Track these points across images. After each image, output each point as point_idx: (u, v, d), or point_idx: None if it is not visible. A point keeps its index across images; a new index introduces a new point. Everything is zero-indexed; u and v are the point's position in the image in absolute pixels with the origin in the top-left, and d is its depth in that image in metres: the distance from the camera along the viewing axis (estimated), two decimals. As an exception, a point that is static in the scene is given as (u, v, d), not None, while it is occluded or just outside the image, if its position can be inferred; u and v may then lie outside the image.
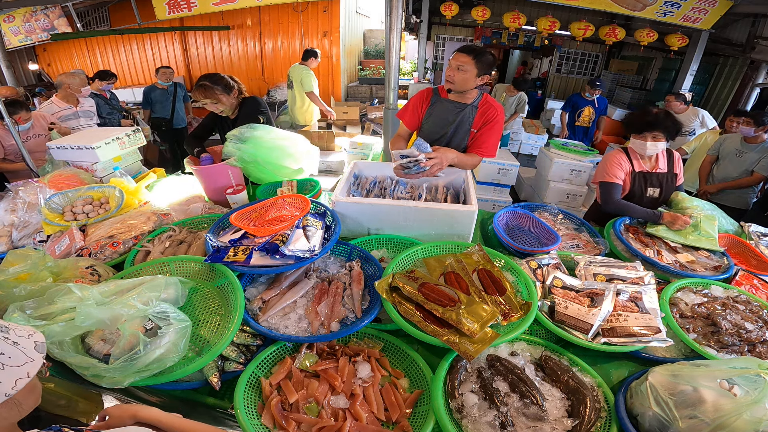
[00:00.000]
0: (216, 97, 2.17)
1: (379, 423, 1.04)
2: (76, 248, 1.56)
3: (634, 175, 2.12)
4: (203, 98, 2.14)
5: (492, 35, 8.42)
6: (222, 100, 2.19)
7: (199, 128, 2.42)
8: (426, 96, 2.14)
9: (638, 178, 2.12)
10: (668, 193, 2.15)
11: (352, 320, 1.27)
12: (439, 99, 2.09)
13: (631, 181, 2.13)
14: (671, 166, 2.14)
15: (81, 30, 6.21)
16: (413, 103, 2.17)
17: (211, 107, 2.20)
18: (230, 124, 2.35)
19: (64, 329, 0.96)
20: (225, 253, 1.34)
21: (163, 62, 7.60)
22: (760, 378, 0.90)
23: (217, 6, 5.40)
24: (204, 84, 2.14)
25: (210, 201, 2.07)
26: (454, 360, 1.14)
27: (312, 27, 6.94)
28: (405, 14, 7.62)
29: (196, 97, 2.16)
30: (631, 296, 1.35)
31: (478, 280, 1.38)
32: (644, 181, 2.13)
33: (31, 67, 7.06)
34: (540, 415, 1.01)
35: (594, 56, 8.66)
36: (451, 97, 2.05)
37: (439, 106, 2.10)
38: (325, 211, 1.62)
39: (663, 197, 2.14)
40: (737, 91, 5.77)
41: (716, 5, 4.83)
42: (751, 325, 1.30)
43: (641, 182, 2.13)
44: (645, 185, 2.13)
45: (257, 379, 1.11)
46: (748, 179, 3.10)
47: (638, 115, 2.08)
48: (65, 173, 2.06)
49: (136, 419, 0.86)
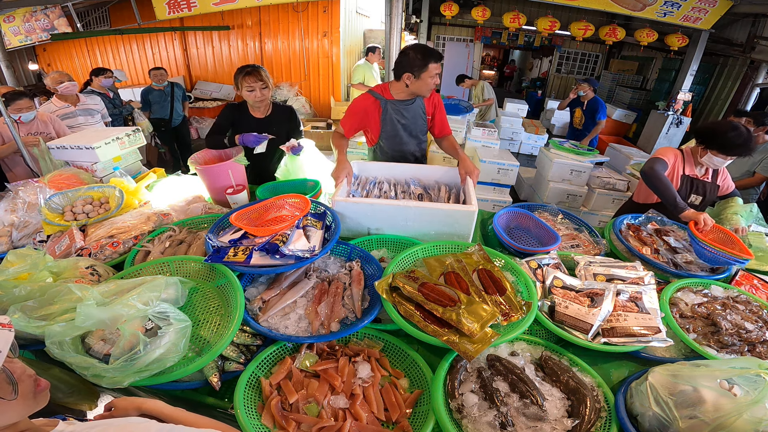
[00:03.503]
0: (266, 82, 2.23)
1: (379, 423, 1.04)
2: (76, 248, 1.56)
3: (683, 177, 2.12)
4: (255, 81, 2.19)
5: (492, 35, 8.43)
6: (270, 85, 2.27)
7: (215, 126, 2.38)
8: (373, 106, 2.16)
9: (685, 182, 2.13)
10: (709, 201, 2.15)
11: (352, 320, 1.27)
12: (388, 102, 2.14)
13: (679, 182, 2.13)
14: (715, 176, 2.14)
15: (81, 30, 6.20)
16: (359, 114, 2.19)
17: (257, 93, 2.22)
18: (255, 122, 2.37)
19: (64, 329, 0.96)
20: (225, 253, 1.34)
21: (164, 62, 7.59)
22: (760, 378, 0.90)
23: (217, 6, 5.40)
24: (256, 67, 2.21)
25: (212, 201, 2.07)
26: (454, 360, 1.14)
27: (312, 27, 6.93)
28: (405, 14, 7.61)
29: (245, 81, 2.18)
30: (631, 296, 1.35)
31: (478, 280, 1.38)
32: (690, 186, 2.13)
33: (31, 67, 7.06)
34: (540, 415, 1.01)
35: (594, 56, 8.67)
36: (396, 96, 2.12)
37: (392, 107, 2.15)
38: (325, 211, 1.63)
39: (702, 205, 2.15)
40: (737, 91, 5.77)
41: (716, 5, 4.83)
42: (751, 325, 1.30)
43: (687, 186, 2.13)
44: (690, 190, 2.14)
45: (257, 379, 1.11)
46: (750, 180, 3.10)
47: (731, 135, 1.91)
48: (65, 173, 2.06)
49: (140, 411, 0.87)
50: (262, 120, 2.37)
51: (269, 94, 2.29)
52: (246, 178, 2.14)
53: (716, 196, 2.16)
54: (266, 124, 2.37)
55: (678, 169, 2.14)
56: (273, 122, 2.39)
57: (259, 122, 2.37)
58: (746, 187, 3.14)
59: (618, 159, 5.08)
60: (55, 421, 0.72)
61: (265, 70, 2.26)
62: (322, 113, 7.37)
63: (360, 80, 5.57)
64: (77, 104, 3.45)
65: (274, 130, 2.35)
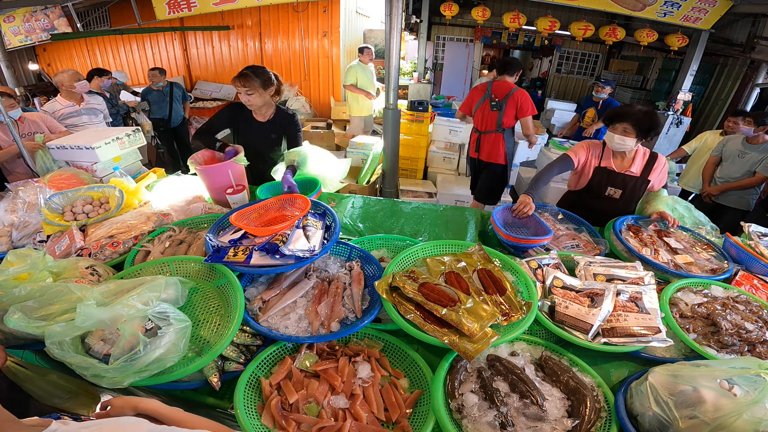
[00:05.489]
0: (254, 89, 2.14)
1: (379, 423, 1.04)
2: (76, 248, 1.56)
3: (597, 169, 2.09)
4: (241, 86, 2.13)
5: (492, 35, 8.43)
6: (259, 92, 2.16)
7: (206, 125, 2.31)
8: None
9: (599, 174, 2.10)
10: (631, 197, 2.09)
11: (352, 320, 1.27)
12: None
13: (592, 174, 2.11)
14: (647, 172, 2.05)
15: (81, 30, 6.20)
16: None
17: (244, 97, 2.17)
18: (257, 125, 2.34)
19: (64, 329, 0.96)
20: (225, 253, 1.33)
21: (164, 62, 7.59)
22: (760, 378, 0.90)
23: (217, 6, 5.40)
24: (245, 73, 2.14)
25: (212, 201, 2.07)
26: (454, 360, 1.14)
27: (312, 27, 6.93)
28: (405, 14, 7.61)
29: (235, 84, 2.14)
30: (631, 296, 1.35)
31: (478, 279, 1.38)
32: (606, 178, 2.09)
33: (31, 67, 7.05)
34: (540, 415, 1.01)
35: (594, 56, 8.66)
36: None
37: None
38: (325, 211, 1.62)
39: (624, 200, 2.10)
40: (737, 91, 5.77)
41: (716, 5, 4.83)
42: (751, 325, 1.30)
43: (602, 178, 2.09)
44: (605, 183, 2.09)
45: (257, 379, 1.11)
46: (750, 180, 3.10)
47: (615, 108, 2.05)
48: (65, 173, 2.05)
49: (136, 411, 0.86)
50: (263, 124, 2.34)
51: (258, 102, 2.19)
52: (246, 178, 2.14)
53: (642, 191, 2.08)
54: (267, 128, 2.35)
55: (592, 162, 2.12)
56: (274, 127, 2.35)
57: (261, 126, 2.34)
58: (746, 187, 3.14)
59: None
60: (48, 420, 0.72)
61: (262, 75, 2.16)
62: (322, 113, 7.37)
63: (352, 82, 5.48)
64: (82, 103, 3.45)
65: (273, 137, 2.35)
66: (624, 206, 2.11)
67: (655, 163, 2.05)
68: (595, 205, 2.14)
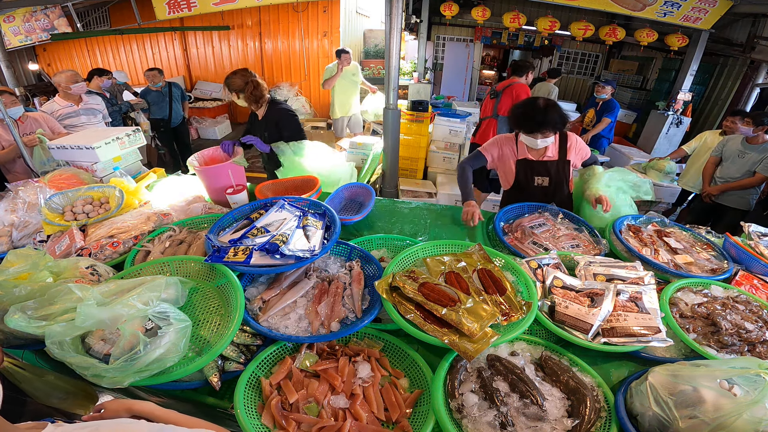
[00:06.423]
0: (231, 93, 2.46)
1: (379, 423, 1.04)
2: (76, 248, 1.56)
3: (519, 163, 2.08)
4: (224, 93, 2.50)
5: (492, 35, 8.43)
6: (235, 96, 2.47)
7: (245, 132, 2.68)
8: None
9: (522, 166, 2.08)
10: (560, 180, 2.08)
11: (352, 320, 1.27)
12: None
13: (516, 168, 2.09)
14: (564, 153, 2.04)
15: (81, 30, 6.20)
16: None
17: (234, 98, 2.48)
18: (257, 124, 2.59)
19: (65, 329, 0.96)
20: (225, 253, 1.33)
21: (164, 62, 7.60)
22: (760, 378, 0.90)
23: (217, 6, 5.39)
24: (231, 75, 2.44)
25: (211, 201, 2.07)
26: (454, 360, 1.14)
27: (312, 27, 6.94)
28: (405, 14, 7.61)
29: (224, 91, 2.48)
30: (631, 296, 1.35)
31: (478, 279, 1.38)
32: (530, 169, 2.07)
33: (31, 67, 7.05)
34: (540, 415, 1.01)
35: (594, 56, 8.66)
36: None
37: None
38: (325, 211, 1.62)
39: (554, 185, 2.08)
40: (737, 91, 5.77)
41: (716, 5, 4.82)
42: (751, 325, 1.30)
43: (527, 170, 2.08)
44: (531, 173, 2.08)
45: (257, 379, 1.11)
46: (750, 180, 3.10)
47: (525, 115, 1.96)
48: (65, 173, 2.06)
49: (131, 413, 0.86)
50: (260, 120, 2.56)
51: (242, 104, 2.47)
52: (245, 178, 2.14)
53: (567, 172, 2.08)
54: (262, 125, 2.56)
55: (511, 157, 2.10)
56: (268, 123, 2.55)
57: (259, 123, 2.57)
58: (747, 186, 3.14)
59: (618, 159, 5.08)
60: (44, 423, 0.72)
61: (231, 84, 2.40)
62: (322, 113, 7.38)
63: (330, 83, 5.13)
64: (80, 104, 3.44)
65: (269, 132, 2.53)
66: (557, 191, 2.11)
67: (568, 143, 2.06)
68: (531, 197, 2.11)
